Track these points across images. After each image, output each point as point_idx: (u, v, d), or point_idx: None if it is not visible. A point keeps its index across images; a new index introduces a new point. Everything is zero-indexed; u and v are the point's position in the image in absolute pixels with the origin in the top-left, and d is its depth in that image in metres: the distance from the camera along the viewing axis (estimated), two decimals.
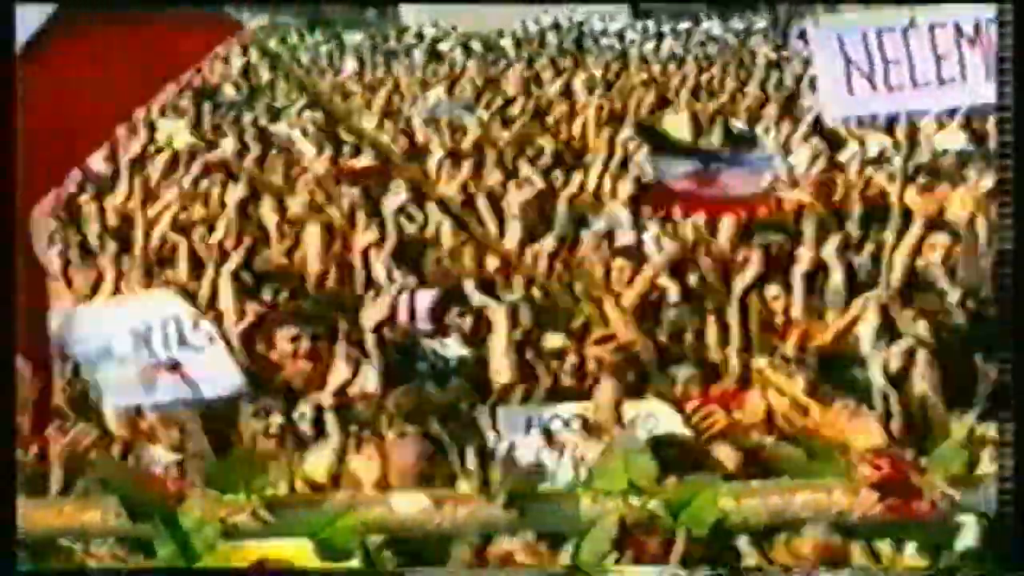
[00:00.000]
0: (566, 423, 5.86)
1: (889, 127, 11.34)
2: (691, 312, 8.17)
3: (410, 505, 3.34)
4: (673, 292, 8.63)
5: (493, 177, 11.87)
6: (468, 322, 8.19)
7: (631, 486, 3.40)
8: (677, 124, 13.95)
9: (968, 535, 3.54)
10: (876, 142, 12.34)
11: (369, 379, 7.02)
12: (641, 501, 3.36)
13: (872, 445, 5.91)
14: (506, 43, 27.64)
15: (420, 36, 30.92)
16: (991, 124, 12.59)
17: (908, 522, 3.44)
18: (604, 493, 3.38)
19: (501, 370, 7.39)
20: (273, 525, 3.23)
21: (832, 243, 8.74)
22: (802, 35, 25.84)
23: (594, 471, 3.40)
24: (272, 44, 29.80)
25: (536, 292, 8.56)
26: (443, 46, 27.88)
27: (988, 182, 10.38)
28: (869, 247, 9.45)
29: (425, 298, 8.69)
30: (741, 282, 7.83)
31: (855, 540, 3.45)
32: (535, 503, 3.36)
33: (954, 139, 12.00)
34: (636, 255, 9.31)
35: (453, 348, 8.05)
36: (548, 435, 5.76)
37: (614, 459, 3.46)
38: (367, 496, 4.23)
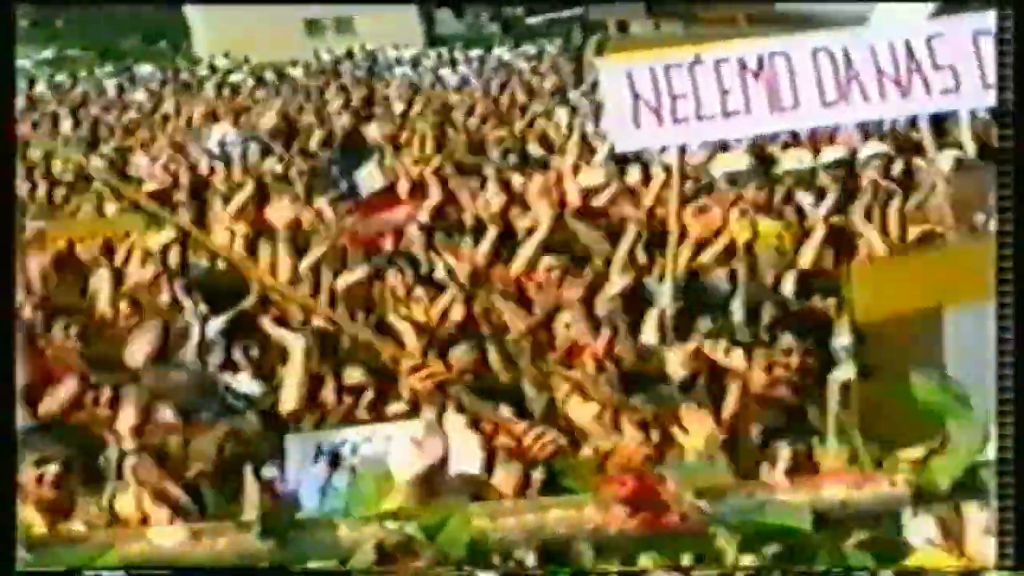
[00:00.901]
0: (354, 449, 5.90)
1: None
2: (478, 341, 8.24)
3: (168, 538, 3.34)
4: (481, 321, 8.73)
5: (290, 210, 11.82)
6: (257, 355, 8.16)
7: (387, 511, 3.43)
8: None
9: (723, 544, 3.63)
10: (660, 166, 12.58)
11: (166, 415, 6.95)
12: (398, 525, 3.39)
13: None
14: (297, 73, 27.57)
15: (213, 68, 30.70)
16: (776, 149, 12.97)
17: (661, 536, 3.53)
18: (362, 519, 3.41)
19: (289, 400, 7.39)
20: (30, 563, 3.20)
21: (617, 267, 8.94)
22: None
23: (351, 497, 3.43)
24: (60, 77, 29.36)
25: (329, 326, 8.53)
26: (235, 77, 27.73)
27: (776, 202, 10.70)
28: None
29: (215, 325, 8.64)
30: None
31: (611, 555, 3.52)
32: (293, 532, 3.38)
33: (739, 161, 12.28)
34: (433, 284, 9.36)
35: (246, 383, 8.02)
36: (335, 461, 5.80)
37: (368, 484, 3.49)
38: (127, 532, 4.21)
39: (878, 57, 8.53)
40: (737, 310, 8.69)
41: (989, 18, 8.36)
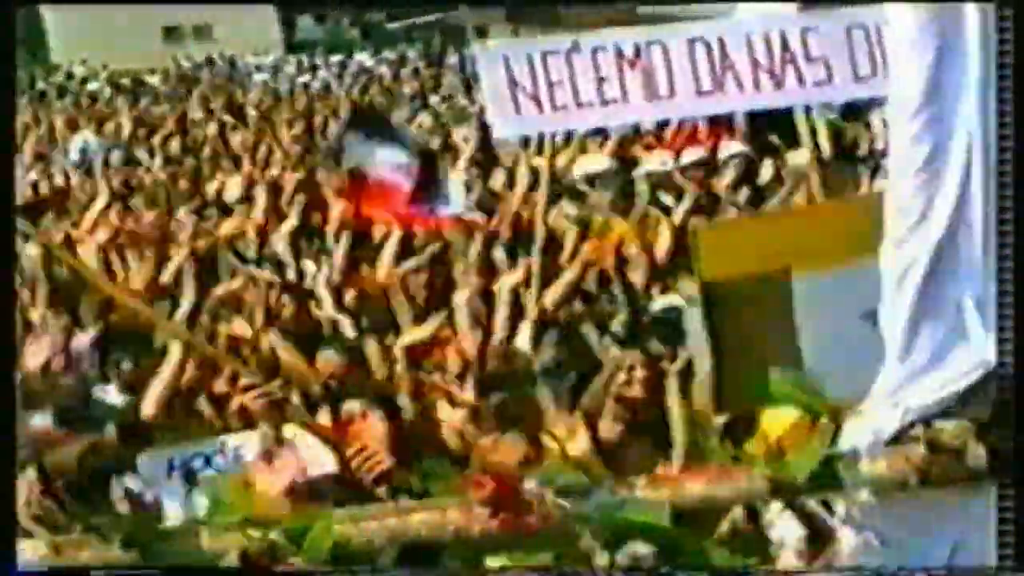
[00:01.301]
0: (207, 461, 5.87)
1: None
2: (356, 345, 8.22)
3: (30, 552, 3.31)
4: (347, 325, 8.70)
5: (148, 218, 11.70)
6: (129, 367, 8.07)
7: (249, 518, 3.43)
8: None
9: (587, 542, 3.67)
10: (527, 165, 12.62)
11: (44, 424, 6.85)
12: (261, 532, 3.39)
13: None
14: (155, 80, 27.28)
15: (70, 75, 30.28)
16: (639, 150, 13.07)
17: (524, 536, 3.55)
18: (223, 527, 3.40)
19: (150, 405, 7.32)
20: None
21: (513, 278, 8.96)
22: (462, 62, 26.42)
23: (212, 505, 3.42)
24: None
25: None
26: (93, 85, 27.37)
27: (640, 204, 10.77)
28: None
29: (83, 340, 8.54)
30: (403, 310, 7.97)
31: (474, 557, 3.55)
32: (157, 542, 3.36)
33: (599, 162, 12.36)
34: (300, 291, 9.32)
35: (112, 395, 7.93)
36: (190, 476, 5.77)
37: (232, 492, 3.48)
38: None
39: (753, 48, 8.64)
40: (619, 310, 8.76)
41: (860, 13, 8.53)
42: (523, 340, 8.26)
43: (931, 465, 3.70)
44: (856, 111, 13.08)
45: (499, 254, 9.84)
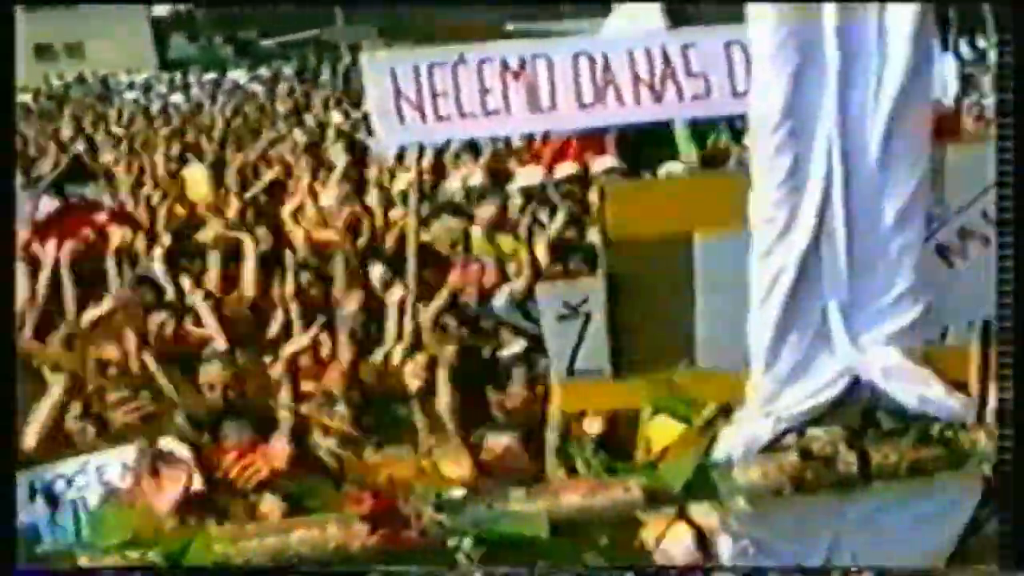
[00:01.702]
0: (69, 482, 5.79)
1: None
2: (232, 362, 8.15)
3: None
4: (220, 342, 8.63)
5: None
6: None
7: (129, 539, 3.40)
8: (198, 177, 13.96)
9: (464, 555, 3.69)
10: (402, 181, 12.61)
11: None
12: (140, 552, 3.37)
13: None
14: (27, 99, 26.88)
15: None
16: (513, 165, 13.12)
17: (403, 551, 3.57)
18: (102, 549, 3.37)
19: (31, 437, 7.22)
20: None
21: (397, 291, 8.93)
22: (337, 78, 26.37)
23: (89, 527, 3.39)
24: None
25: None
26: None
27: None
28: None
29: None
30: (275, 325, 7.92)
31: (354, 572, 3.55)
32: (34, 564, 3.32)
33: (473, 177, 12.39)
34: (177, 309, 9.24)
35: None
36: (52, 498, 5.69)
37: (105, 513, 3.45)
38: None
39: (635, 62, 8.73)
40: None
41: (740, 30, 8.60)
42: (398, 356, 8.27)
43: (804, 472, 3.76)
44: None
45: (377, 271, 9.83)
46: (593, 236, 9.86)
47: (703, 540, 5.09)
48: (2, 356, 3.98)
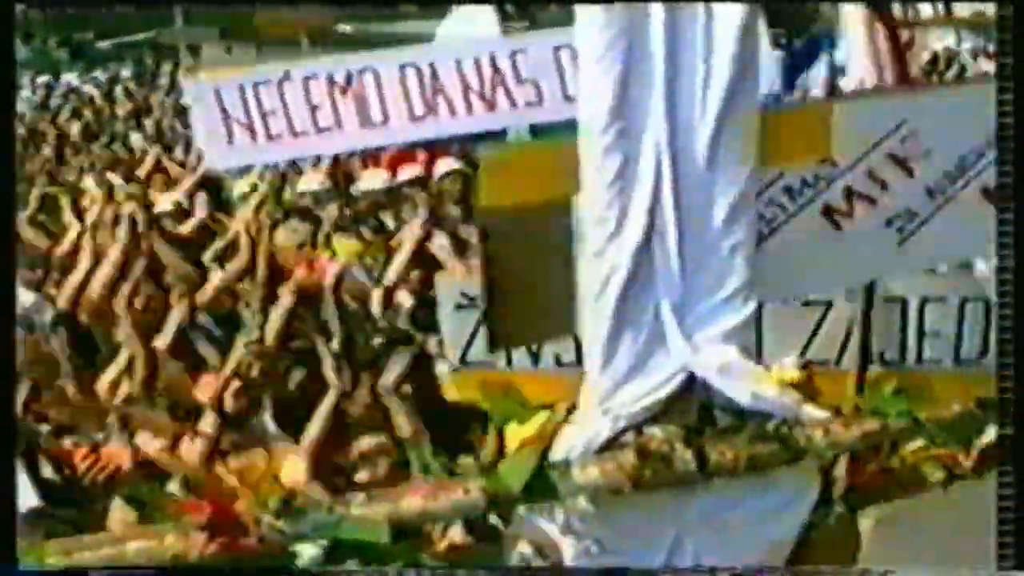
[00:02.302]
0: None
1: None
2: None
3: None
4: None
5: None
6: None
7: None
8: None
9: (305, 560, 3.66)
10: (243, 185, 12.45)
11: None
12: None
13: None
14: None
15: None
16: (355, 168, 13.03)
17: (241, 558, 3.53)
18: None
19: None
20: None
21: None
22: (173, 85, 25.96)
23: None
24: None
25: None
26: None
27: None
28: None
29: None
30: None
31: None
32: None
33: (316, 181, 12.27)
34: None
35: None
36: None
37: None
38: None
39: (463, 71, 8.72)
40: (335, 332, 8.70)
41: (568, 33, 8.63)
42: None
43: (642, 470, 3.78)
44: None
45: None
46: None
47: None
48: (2, 355, 3.97)
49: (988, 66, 31.76)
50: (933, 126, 4.31)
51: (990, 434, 4.41)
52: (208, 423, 6.76)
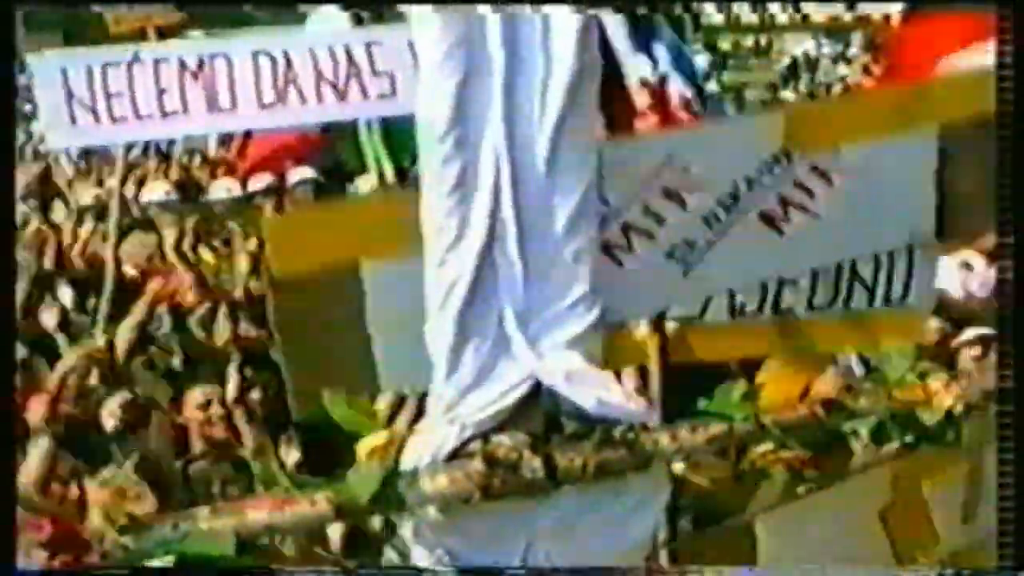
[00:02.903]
0: None
1: None
2: None
3: None
4: None
5: None
6: None
7: None
8: None
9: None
10: (89, 195, 12.24)
11: None
12: None
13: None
14: None
15: None
16: (204, 178, 12.84)
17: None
18: None
19: None
20: None
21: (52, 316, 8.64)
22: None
23: None
24: None
25: None
26: None
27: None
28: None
29: None
30: None
31: None
32: None
33: (162, 191, 12.11)
34: None
35: None
36: None
37: None
38: None
39: (318, 61, 8.67)
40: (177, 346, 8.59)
41: None
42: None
43: (491, 479, 3.78)
44: None
45: (66, 294, 9.52)
46: None
47: None
48: (2, 355, 3.94)
49: (845, 71, 32.42)
50: (704, 156, 4.40)
51: (837, 436, 4.50)
52: (39, 446, 6.62)
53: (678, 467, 4.95)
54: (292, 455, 6.53)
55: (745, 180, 4.42)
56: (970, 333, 7.59)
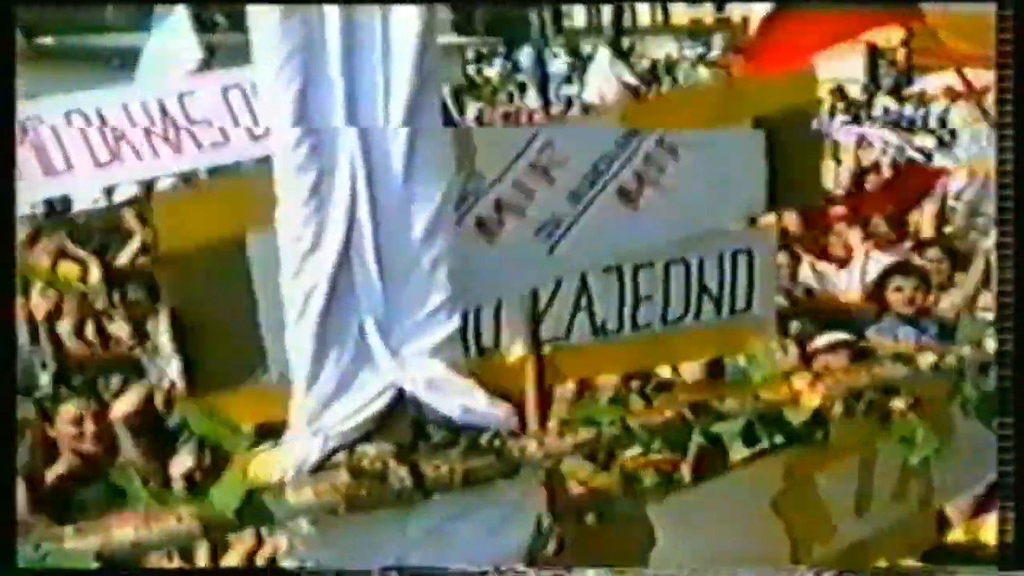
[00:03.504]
0: None
1: None
2: None
3: None
4: None
5: None
6: None
7: None
8: None
9: None
10: None
11: None
12: None
13: None
14: None
15: None
16: None
17: None
18: None
19: None
20: None
21: None
22: None
23: None
24: None
25: None
26: None
27: None
28: None
29: None
30: None
31: None
32: None
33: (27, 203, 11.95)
34: None
35: None
36: None
37: None
38: None
39: (149, 114, 8.61)
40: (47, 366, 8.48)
41: (241, 73, 8.65)
42: None
43: (358, 490, 3.75)
44: None
45: None
46: None
47: None
48: (2, 353, 3.89)
49: (706, 73, 32.75)
50: (564, 136, 4.53)
51: (702, 439, 4.53)
52: None
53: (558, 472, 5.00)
54: (181, 464, 6.46)
55: (604, 157, 4.58)
56: (823, 339, 7.76)
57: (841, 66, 20.71)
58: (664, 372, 7.31)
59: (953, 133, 17.93)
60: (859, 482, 4.79)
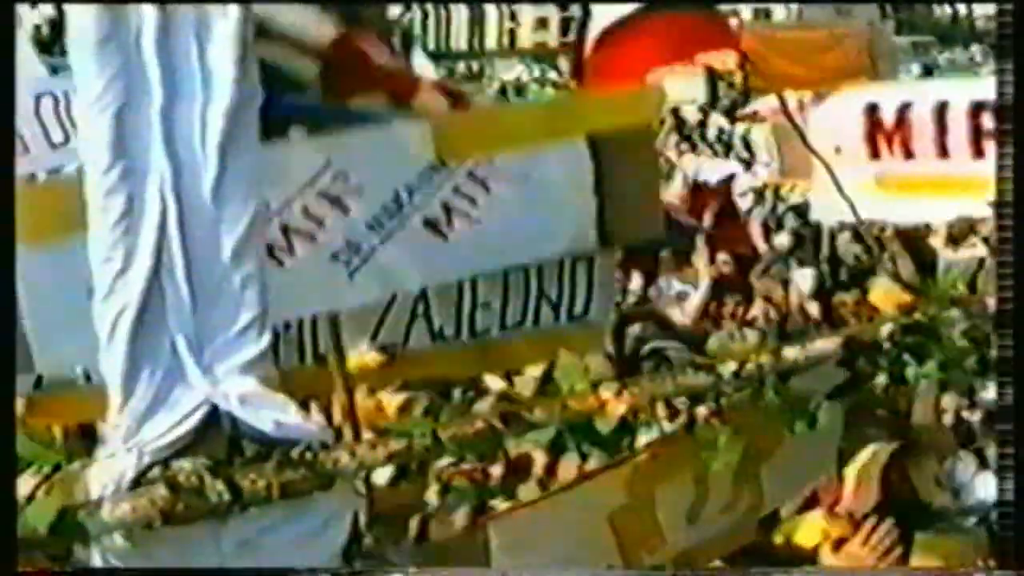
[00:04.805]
0: None
1: None
2: None
3: None
4: None
5: None
6: None
7: None
8: None
9: None
10: None
11: None
12: None
13: None
14: None
15: None
16: None
17: None
18: None
19: None
20: None
21: None
22: None
23: None
24: None
25: None
26: None
27: None
28: None
29: None
30: None
31: None
32: None
33: None
34: None
35: None
36: None
37: None
38: None
39: None
40: None
41: (48, 82, 8.53)
42: None
43: (175, 504, 3.80)
44: None
45: None
46: None
47: None
48: (2, 352, 3.86)
49: (551, 94, 32.77)
50: (361, 164, 4.54)
51: (521, 446, 4.63)
52: None
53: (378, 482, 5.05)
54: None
55: (406, 187, 4.59)
56: (646, 347, 7.88)
57: (684, 87, 20.91)
58: (496, 383, 7.36)
59: (753, 152, 18.27)
60: (695, 494, 4.87)
